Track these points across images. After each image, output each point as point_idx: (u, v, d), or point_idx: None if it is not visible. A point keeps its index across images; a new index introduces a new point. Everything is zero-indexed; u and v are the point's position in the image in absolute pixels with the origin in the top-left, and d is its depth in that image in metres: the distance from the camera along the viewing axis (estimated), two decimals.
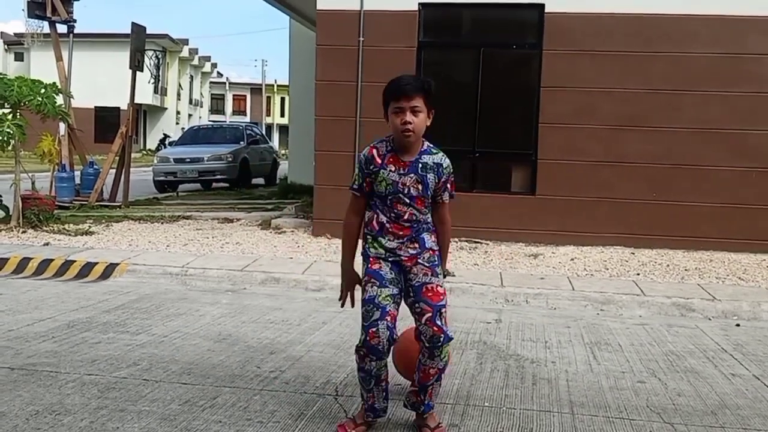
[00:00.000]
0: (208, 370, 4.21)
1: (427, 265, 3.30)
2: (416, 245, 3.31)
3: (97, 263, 7.22)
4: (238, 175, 17.91)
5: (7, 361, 4.25)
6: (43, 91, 9.52)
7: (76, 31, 14.18)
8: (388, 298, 3.25)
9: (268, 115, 63.15)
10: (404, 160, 3.28)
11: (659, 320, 5.99)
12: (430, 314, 3.23)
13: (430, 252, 3.33)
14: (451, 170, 3.35)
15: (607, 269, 7.61)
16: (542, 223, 9.01)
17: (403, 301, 3.34)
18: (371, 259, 3.34)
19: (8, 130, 8.99)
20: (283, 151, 34.59)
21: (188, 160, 17.48)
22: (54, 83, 10.05)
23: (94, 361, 4.30)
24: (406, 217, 3.29)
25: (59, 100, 10.25)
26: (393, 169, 3.27)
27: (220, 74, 65.08)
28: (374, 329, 3.18)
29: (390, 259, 3.32)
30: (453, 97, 9.28)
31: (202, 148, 18.30)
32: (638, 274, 7.39)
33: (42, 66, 28.82)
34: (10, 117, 9.21)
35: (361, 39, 9.15)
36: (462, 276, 6.95)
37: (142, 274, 7.01)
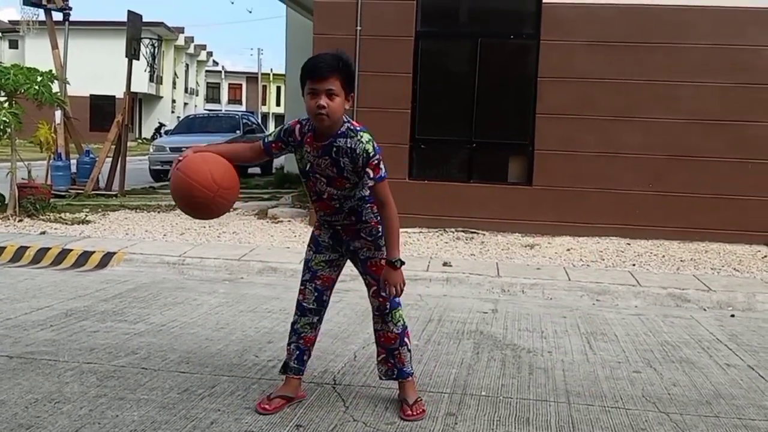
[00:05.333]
0: (206, 359, 4.23)
1: (370, 239, 3.37)
2: (352, 218, 3.35)
3: (94, 252, 7.22)
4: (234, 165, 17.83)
5: (5, 350, 4.26)
6: (39, 78, 9.46)
7: (71, 19, 14.12)
8: (322, 263, 3.47)
9: (264, 104, 62.94)
10: (318, 143, 3.21)
11: (655, 311, 6.03)
12: (375, 287, 3.40)
13: (371, 224, 3.35)
14: (370, 154, 3.14)
15: (603, 260, 7.64)
16: (539, 214, 9.03)
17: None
18: (316, 223, 3.53)
19: (4, 118, 8.95)
20: None
21: (184, 149, 17.32)
22: (50, 71, 10.00)
23: (93, 350, 4.31)
24: (326, 196, 3.32)
25: (55, 87, 10.21)
26: (309, 150, 3.26)
27: (215, 63, 64.87)
28: (302, 287, 3.50)
29: (326, 226, 3.46)
30: (450, 87, 9.26)
31: (199, 137, 18.18)
32: (634, 265, 7.42)
33: (37, 54, 28.57)
34: (6, 105, 9.18)
35: (359, 28, 9.11)
36: (458, 266, 6.98)
37: (139, 263, 7.02)
